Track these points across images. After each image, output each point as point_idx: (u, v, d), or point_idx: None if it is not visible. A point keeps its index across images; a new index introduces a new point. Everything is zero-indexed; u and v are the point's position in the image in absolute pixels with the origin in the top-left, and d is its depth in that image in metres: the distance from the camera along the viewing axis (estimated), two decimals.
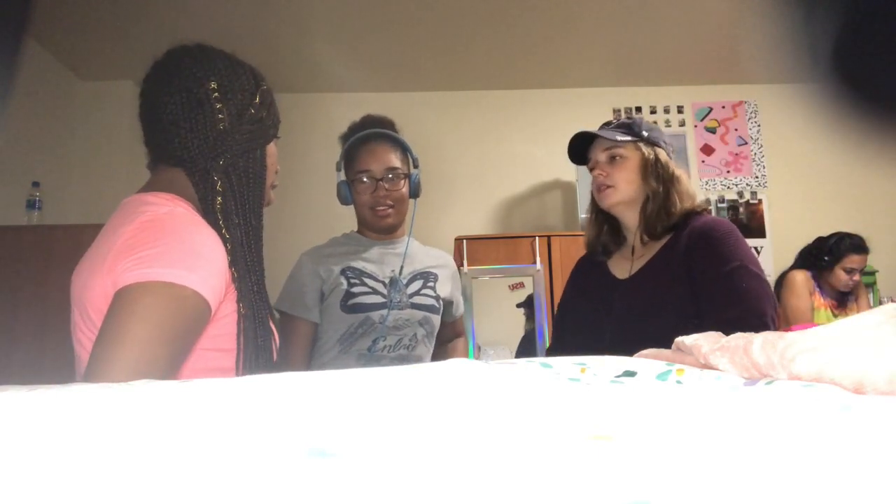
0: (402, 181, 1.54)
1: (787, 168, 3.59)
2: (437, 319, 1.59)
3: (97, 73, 3.32)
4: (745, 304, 1.18)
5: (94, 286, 0.83)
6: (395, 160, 1.53)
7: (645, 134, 1.38)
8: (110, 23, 2.84)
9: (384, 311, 1.48)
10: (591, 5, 2.88)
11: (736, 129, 3.68)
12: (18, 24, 0.30)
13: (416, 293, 1.55)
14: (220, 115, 0.92)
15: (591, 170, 1.42)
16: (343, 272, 1.50)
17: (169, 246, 0.81)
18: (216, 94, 0.93)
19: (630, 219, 1.40)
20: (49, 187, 2.89)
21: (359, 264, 1.53)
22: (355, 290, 1.48)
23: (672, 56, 3.34)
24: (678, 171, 1.39)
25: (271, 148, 1.03)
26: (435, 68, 3.42)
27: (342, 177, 1.56)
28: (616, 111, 3.63)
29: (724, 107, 3.70)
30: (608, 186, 1.37)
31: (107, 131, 3.34)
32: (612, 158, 1.38)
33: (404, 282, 1.54)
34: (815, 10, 0.28)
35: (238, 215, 0.93)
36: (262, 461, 0.34)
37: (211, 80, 0.93)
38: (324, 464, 0.34)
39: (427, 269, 1.60)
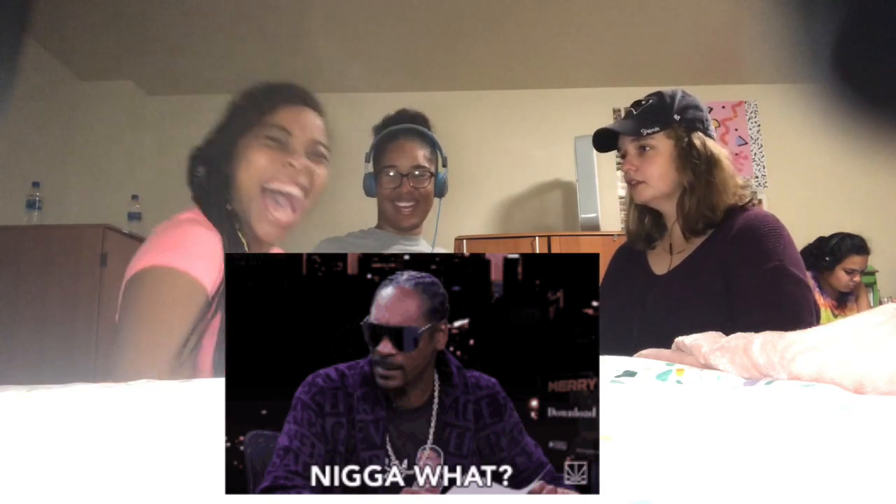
0: (428, 179, 1.54)
1: (787, 168, 3.59)
2: None
3: (97, 73, 3.33)
4: (779, 309, 1.06)
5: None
6: (422, 158, 1.53)
7: (677, 118, 1.22)
8: (110, 23, 2.85)
9: None
10: (591, 5, 2.88)
11: (736, 129, 3.68)
12: (18, 24, 0.30)
13: None
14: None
15: (622, 157, 1.30)
16: None
17: (156, 241, 0.88)
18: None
19: (668, 211, 1.28)
20: (49, 187, 2.89)
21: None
22: None
23: (672, 56, 3.34)
24: (718, 154, 1.23)
25: (249, 146, 0.97)
26: (435, 68, 3.43)
27: (369, 168, 1.56)
28: (616, 111, 3.63)
29: (724, 107, 3.70)
30: (639, 182, 1.25)
31: (107, 131, 3.34)
32: (642, 149, 1.24)
33: None
34: (815, 10, 0.28)
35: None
36: None
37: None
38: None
39: None
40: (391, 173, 1.51)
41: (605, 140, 1.31)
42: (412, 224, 1.55)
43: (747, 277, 1.11)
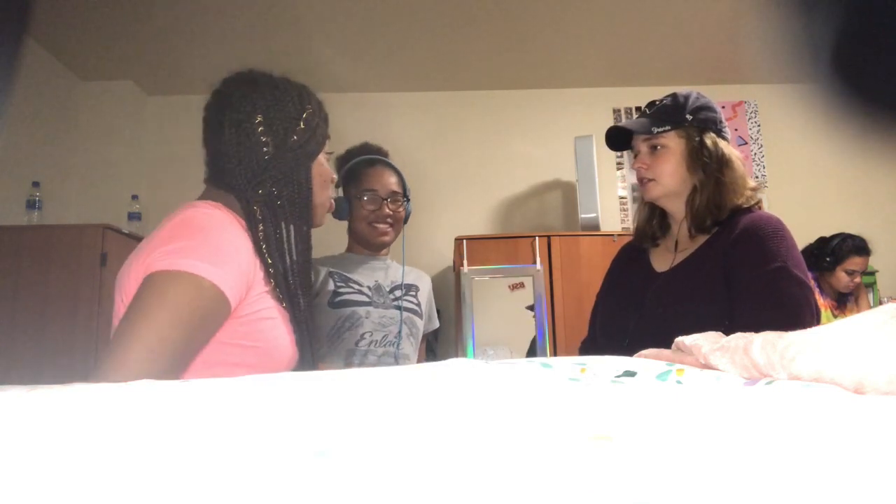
0: (402, 204, 1.68)
1: (787, 168, 3.58)
2: (420, 323, 1.70)
3: (97, 73, 3.32)
4: (781, 310, 1.08)
5: (131, 273, 0.89)
6: (396, 185, 1.67)
7: (689, 118, 1.25)
8: (110, 23, 2.84)
9: (370, 308, 1.59)
10: (591, 5, 2.88)
11: (736, 129, 3.68)
12: (18, 24, 0.30)
13: (399, 298, 1.66)
14: (264, 148, 0.99)
15: (635, 156, 1.33)
16: (330, 274, 1.61)
17: (197, 241, 0.88)
18: (261, 127, 1.00)
19: (676, 210, 1.30)
20: (49, 187, 2.88)
21: (345, 271, 1.64)
22: (342, 290, 1.59)
23: (672, 56, 3.34)
24: (730, 155, 1.25)
25: (318, 163, 1.06)
26: (435, 68, 3.42)
27: (340, 193, 1.68)
28: (616, 111, 3.63)
29: (723, 107, 3.69)
30: (649, 180, 1.28)
31: (107, 131, 3.34)
32: (654, 148, 1.27)
33: (387, 289, 1.66)
34: (815, 11, 0.28)
35: (283, 241, 0.99)
36: (266, 462, 0.34)
37: (258, 114, 1.00)
38: (326, 465, 0.33)
39: (408, 282, 1.72)
40: (369, 197, 1.64)
41: (617, 139, 1.34)
42: (388, 243, 1.68)
43: (749, 277, 1.12)
